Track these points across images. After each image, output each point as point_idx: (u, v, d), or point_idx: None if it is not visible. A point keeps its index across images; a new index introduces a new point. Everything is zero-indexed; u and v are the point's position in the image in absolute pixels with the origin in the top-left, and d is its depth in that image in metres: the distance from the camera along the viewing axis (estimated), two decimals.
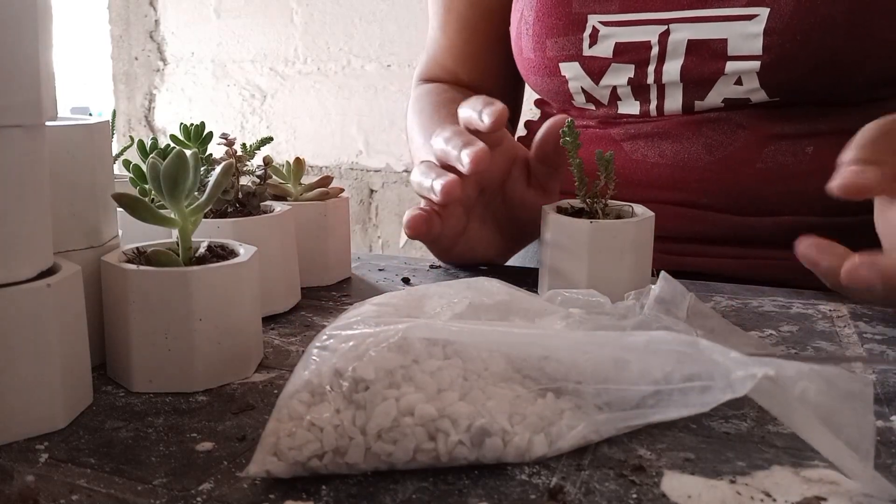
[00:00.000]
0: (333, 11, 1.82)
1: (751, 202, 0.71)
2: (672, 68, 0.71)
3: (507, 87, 0.92)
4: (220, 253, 0.46)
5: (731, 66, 0.68)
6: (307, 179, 0.63)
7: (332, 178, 0.65)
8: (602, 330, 0.41)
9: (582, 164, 0.54)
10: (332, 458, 0.32)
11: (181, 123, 0.59)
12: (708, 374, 0.34)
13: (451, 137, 0.56)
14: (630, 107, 0.75)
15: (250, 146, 0.60)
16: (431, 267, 0.68)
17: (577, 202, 0.56)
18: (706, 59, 0.69)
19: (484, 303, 0.40)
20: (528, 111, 1.00)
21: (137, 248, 0.45)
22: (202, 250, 0.45)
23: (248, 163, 0.57)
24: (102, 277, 0.43)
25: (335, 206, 0.62)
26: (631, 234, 0.53)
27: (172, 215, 0.43)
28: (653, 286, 0.46)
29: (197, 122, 0.59)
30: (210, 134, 0.59)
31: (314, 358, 0.34)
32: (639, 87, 0.73)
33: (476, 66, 0.92)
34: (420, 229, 0.57)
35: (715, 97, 0.70)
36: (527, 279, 0.59)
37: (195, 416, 0.39)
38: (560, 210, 0.56)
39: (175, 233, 0.46)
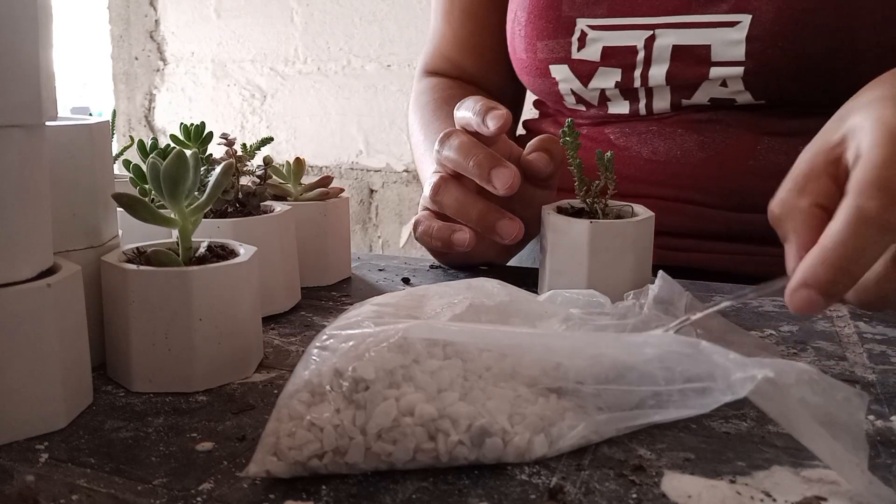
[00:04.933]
0: (333, 11, 1.82)
1: (745, 199, 0.71)
2: (658, 73, 0.71)
3: (512, 81, 0.90)
4: (220, 253, 0.46)
5: (714, 71, 0.69)
6: (307, 179, 0.63)
7: (332, 178, 0.65)
8: (602, 331, 0.41)
9: (582, 164, 0.54)
10: (332, 458, 0.32)
11: (181, 123, 0.58)
12: (708, 376, 0.34)
13: (461, 158, 0.56)
14: (620, 107, 0.76)
15: (250, 146, 0.60)
16: (431, 267, 0.68)
17: (577, 202, 0.56)
18: (690, 65, 0.69)
19: (484, 304, 0.40)
20: (528, 110, 1.00)
21: (137, 248, 0.45)
22: (202, 250, 0.45)
23: (248, 163, 0.57)
24: (102, 277, 0.43)
25: (335, 206, 0.62)
26: (631, 234, 0.53)
27: (172, 215, 0.43)
28: (650, 286, 0.46)
29: (197, 122, 0.59)
30: (210, 134, 0.59)
31: (314, 358, 0.34)
32: (626, 90, 0.74)
33: (482, 58, 0.91)
34: (470, 244, 0.58)
35: (701, 97, 0.71)
36: (527, 279, 0.59)
37: (195, 416, 0.39)
38: (560, 210, 0.56)
39: (175, 233, 0.46)
